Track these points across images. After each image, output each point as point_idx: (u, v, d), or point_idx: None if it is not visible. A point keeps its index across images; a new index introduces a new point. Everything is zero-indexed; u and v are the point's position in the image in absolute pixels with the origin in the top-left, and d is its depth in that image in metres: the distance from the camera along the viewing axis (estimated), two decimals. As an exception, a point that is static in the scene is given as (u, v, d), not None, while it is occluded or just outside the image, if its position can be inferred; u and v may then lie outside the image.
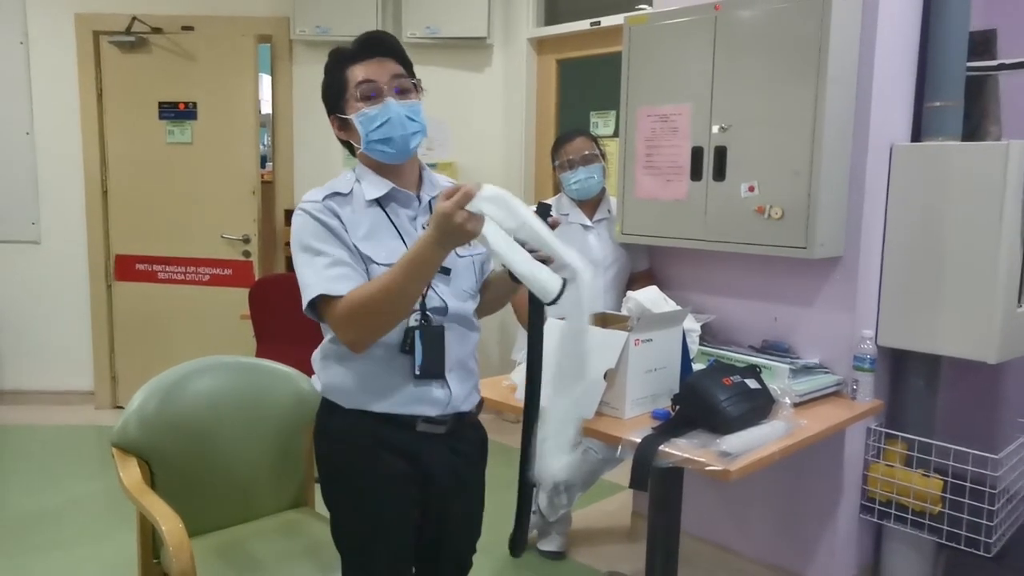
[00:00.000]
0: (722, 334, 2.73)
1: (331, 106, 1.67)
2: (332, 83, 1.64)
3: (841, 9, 2.26)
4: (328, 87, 1.66)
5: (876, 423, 2.56)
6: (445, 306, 1.63)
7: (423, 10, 4.42)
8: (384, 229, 1.62)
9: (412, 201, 1.67)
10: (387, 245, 1.60)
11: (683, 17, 2.54)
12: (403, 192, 1.65)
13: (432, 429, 1.67)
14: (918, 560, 2.61)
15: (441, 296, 1.62)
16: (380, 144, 1.60)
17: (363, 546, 1.71)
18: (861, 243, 2.43)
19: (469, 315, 1.70)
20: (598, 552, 3.11)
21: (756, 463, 1.84)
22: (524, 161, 4.56)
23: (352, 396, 1.65)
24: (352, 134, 1.64)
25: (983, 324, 2.30)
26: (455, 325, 1.66)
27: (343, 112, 1.62)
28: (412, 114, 1.61)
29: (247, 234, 4.63)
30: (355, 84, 1.60)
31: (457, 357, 1.67)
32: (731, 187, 2.46)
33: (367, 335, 1.54)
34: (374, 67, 1.60)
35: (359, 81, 1.59)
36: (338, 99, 1.63)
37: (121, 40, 4.53)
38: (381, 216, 1.63)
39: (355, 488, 1.68)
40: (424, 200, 1.69)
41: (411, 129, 1.61)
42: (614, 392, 2.06)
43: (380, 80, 1.60)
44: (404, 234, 1.63)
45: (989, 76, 2.55)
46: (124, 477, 1.98)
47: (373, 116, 1.59)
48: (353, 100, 1.60)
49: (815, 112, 2.27)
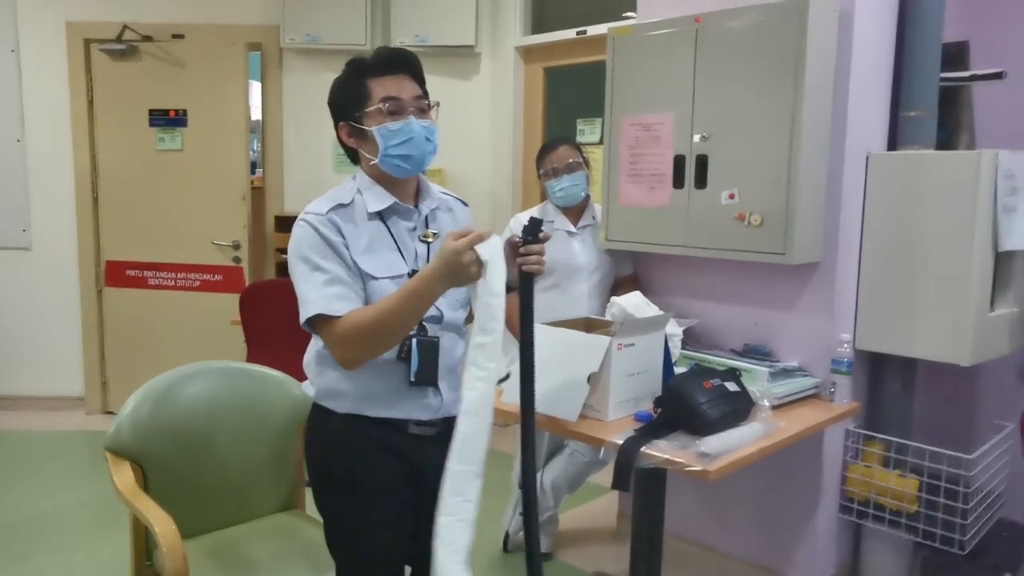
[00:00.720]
0: (705, 338, 2.79)
1: (343, 113, 1.69)
2: (350, 92, 1.67)
3: (818, 22, 2.32)
4: (343, 95, 1.69)
5: (855, 425, 2.62)
6: (441, 315, 1.70)
7: (412, 19, 4.47)
8: (384, 242, 1.67)
9: (412, 214, 1.72)
10: (386, 258, 1.66)
11: (665, 29, 2.60)
12: (403, 205, 1.71)
13: (424, 431, 1.73)
14: (896, 558, 2.66)
15: (436, 306, 1.66)
16: (399, 159, 1.65)
17: (359, 548, 1.75)
18: (839, 249, 2.50)
19: (460, 323, 1.77)
20: (584, 553, 3.16)
21: (735, 463, 1.89)
22: (512, 168, 4.61)
23: (348, 401, 1.69)
24: (365, 144, 1.67)
25: (956, 328, 2.36)
26: (448, 333, 1.73)
27: (359, 122, 1.65)
28: (430, 134, 1.67)
29: (237, 240, 4.66)
30: (380, 98, 1.63)
31: (448, 364, 1.74)
32: (712, 195, 2.52)
33: (362, 356, 1.60)
34: (398, 84, 1.65)
35: (385, 96, 1.63)
36: (355, 108, 1.66)
37: (112, 48, 4.56)
38: (382, 229, 1.67)
39: (351, 490, 1.72)
40: (423, 212, 1.74)
41: (428, 148, 1.67)
42: (597, 395, 2.10)
43: (404, 98, 1.65)
44: (403, 247, 1.69)
45: (962, 87, 2.62)
46: (117, 480, 2.01)
47: (396, 131, 1.63)
48: (377, 113, 1.64)
49: (793, 121, 2.33)
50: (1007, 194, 2.39)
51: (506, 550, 3.12)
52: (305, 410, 2.31)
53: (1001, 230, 2.38)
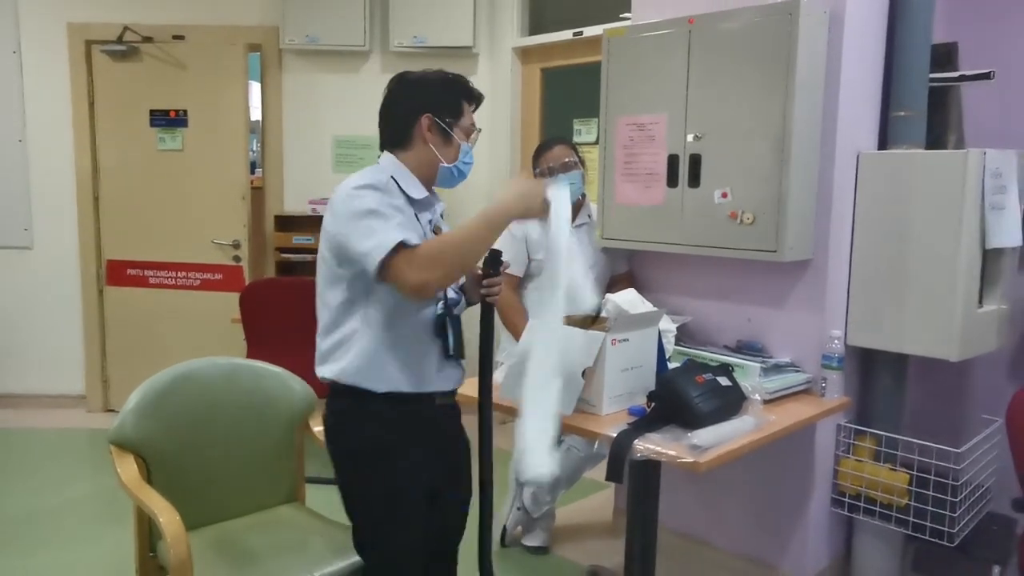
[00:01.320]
0: (699, 335, 2.83)
1: (436, 110, 1.85)
2: (450, 100, 1.87)
3: (809, 23, 2.36)
4: (442, 97, 1.87)
5: (846, 420, 2.66)
6: (458, 298, 1.93)
7: (410, 20, 4.52)
8: (412, 226, 1.78)
9: (431, 206, 1.91)
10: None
11: (659, 30, 2.64)
12: (430, 199, 1.91)
13: (446, 401, 1.91)
14: (887, 551, 2.71)
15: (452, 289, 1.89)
16: (458, 174, 1.90)
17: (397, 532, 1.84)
18: (830, 246, 2.54)
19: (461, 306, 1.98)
20: (581, 547, 3.20)
21: (725, 456, 1.93)
22: (509, 167, 4.66)
23: (390, 376, 1.78)
24: (442, 145, 1.85)
25: (945, 323, 2.40)
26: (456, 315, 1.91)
27: (449, 127, 1.85)
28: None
29: (237, 239, 4.71)
30: (472, 123, 1.91)
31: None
32: (705, 193, 2.56)
33: (441, 278, 1.71)
34: (474, 117, 1.93)
35: (474, 125, 1.92)
36: (448, 114, 1.85)
37: (113, 49, 4.61)
38: (411, 215, 1.81)
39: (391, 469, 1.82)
40: (438, 209, 1.95)
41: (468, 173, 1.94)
42: (592, 389, 2.15)
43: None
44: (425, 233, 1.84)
45: (951, 87, 2.66)
46: (122, 473, 2.05)
47: (469, 152, 1.91)
48: (464, 131, 1.88)
49: (784, 121, 2.37)
50: (995, 192, 2.43)
51: (503, 544, 3.17)
52: (306, 404, 2.36)
53: (989, 228, 2.42)
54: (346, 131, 4.70)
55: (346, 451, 1.86)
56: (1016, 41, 2.80)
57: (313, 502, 2.46)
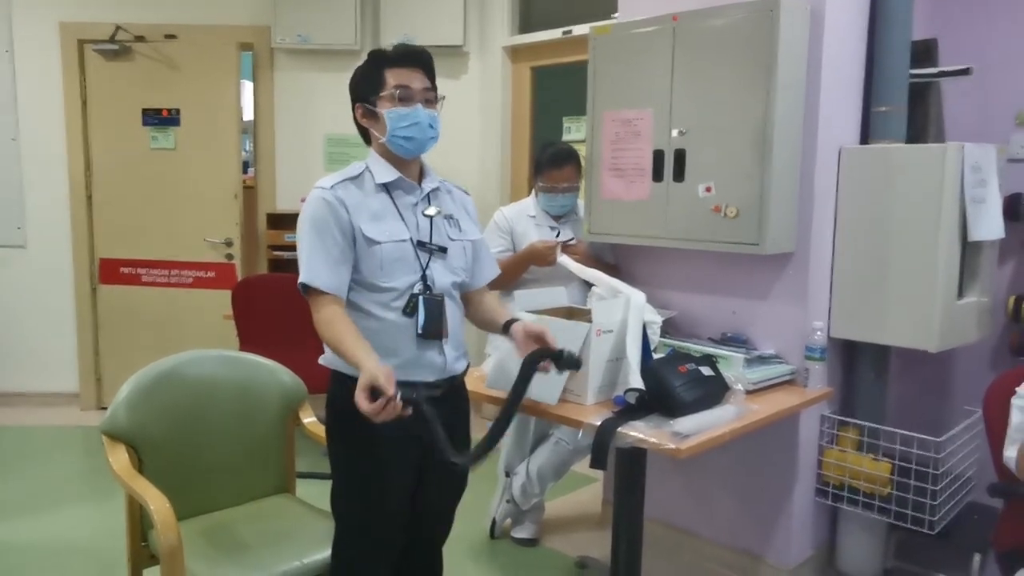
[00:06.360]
0: (684, 328, 2.86)
1: (360, 96, 1.89)
2: (368, 78, 1.87)
3: (790, 20, 2.40)
4: (363, 80, 1.89)
5: (830, 411, 2.70)
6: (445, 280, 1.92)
7: (401, 19, 4.54)
8: (389, 212, 1.86)
9: (415, 189, 1.92)
10: (390, 226, 1.85)
11: (644, 27, 2.68)
12: (408, 181, 1.90)
13: (431, 393, 1.85)
14: (870, 539, 2.75)
15: (438, 270, 1.89)
16: (403, 140, 1.85)
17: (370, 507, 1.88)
18: (812, 240, 2.58)
19: (457, 288, 1.97)
20: (569, 539, 3.24)
21: (706, 443, 1.97)
22: (500, 165, 4.69)
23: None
24: (376, 124, 1.88)
25: (924, 315, 2.44)
26: (448, 298, 1.90)
27: (373, 104, 1.86)
28: (433, 122, 1.88)
29: (230, 237, 4.73)
30: (393, 85, 1.84)
31: (451, 325, 1.90)
32: (690, 188, 2.60)
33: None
34: (410, 75, 1.86)
35: (397, 84, 1.84)
36: (371, 92, 1.86)
37: (105, 48, 4.63)
38: (387, 200, 1.87)
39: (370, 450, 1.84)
40: (425, 189, 1.93)
41: (430, 134, 1.88)
42: (577, 380, 2.18)
43: (414, 88, 1.85)
44: (405, 217, 1.87)
45: (931, 83, 2.70)
46: (113, 462, 2.08)
47: (404, 115, 1.84)
48: (389, 99, 1.84)
49: (767, 116, 2.41)
50: (975, 186, 2.47)
51: (493, 536, 3.20)
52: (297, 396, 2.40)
53: (969, 221, 2.47)
54: (338, 130, 4.71)
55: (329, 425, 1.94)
56: (994, 37, 2.85)
57: (304, 495, 2.49)
